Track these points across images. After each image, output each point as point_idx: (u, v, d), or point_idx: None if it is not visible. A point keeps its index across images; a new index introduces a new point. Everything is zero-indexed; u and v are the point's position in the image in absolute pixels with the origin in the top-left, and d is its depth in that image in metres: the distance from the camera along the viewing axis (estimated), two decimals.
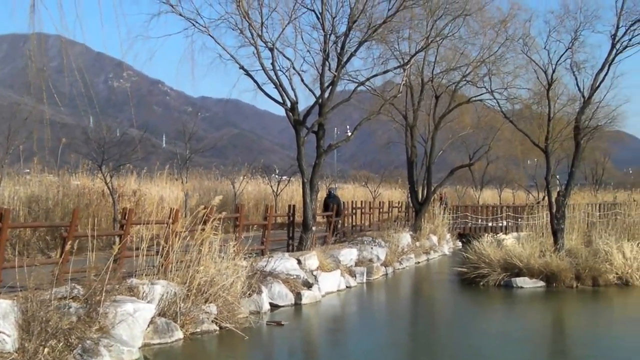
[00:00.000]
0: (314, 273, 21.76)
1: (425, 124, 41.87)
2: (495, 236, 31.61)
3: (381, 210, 42.15)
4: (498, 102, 32.65)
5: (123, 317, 13.11)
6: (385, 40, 31.21)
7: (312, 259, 22.26)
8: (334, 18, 26.06)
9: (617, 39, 25.93)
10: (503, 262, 24.68)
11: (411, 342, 16.85)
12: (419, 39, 31.90)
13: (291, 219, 26.39)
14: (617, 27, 25.87)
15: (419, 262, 32.94)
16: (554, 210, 26.19)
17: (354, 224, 36.56)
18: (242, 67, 24.76)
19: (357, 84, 29.55)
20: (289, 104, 25.25)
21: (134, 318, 13.30)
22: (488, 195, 73.50)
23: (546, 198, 29.67)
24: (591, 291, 23.17)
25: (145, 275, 15.64)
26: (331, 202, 30.84)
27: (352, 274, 24.83)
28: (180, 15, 24.01)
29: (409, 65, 30.74)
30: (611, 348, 15.23)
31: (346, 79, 31.44)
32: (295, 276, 20.78)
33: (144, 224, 19.35)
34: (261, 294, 18.14)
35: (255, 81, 25.24)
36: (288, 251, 24.10)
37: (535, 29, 30.85)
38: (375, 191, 51.85)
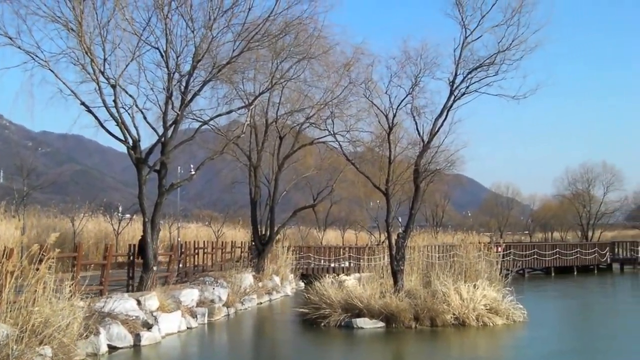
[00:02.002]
0: (154, 314, 21.64)
1: (270, 164, 42.38)
2: (337, 277, 32.20)
3: (224, 250, 42.17)
4: (340, 145, 33.45)
5: None
6: (230, 81, 31.54)
7: (152, 300, 22.13)
8: (178, 57, 26.17)
9: (455, 86, 27.04)
10: (344, 302, 25.06)
11: None
12: (264, 80, 32.40)
13: (132, 258, 26.11)
14: (455, 75, 27.02)
15: (261, 303, 33.14)
16: (394, 251, 26.90)
17: (196, 264, 36.40)
18: (83, 103, 24.41)
19: (201, 123, 29.72)
20: (130, 142, 25.11)
21: None
22: (331, 236, 74.50)
23: (387, 239, 30.39)
24: (429, 331, 23.70)
25: None
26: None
27: (193, 315, 24.81)
28: (19, 48, 23.52)
29: (253, 106, 31.19)
30: None
31: (190, 117, 31.59)
32: (134, 317, 20.61)
33: None
34: (99, 336, 17.90)
35: (96, 118, 24.93)
36: (128, 291, 23.86)
37: (377, 73, 31.61)
38: (218, 231, 51.88)
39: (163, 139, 25.78)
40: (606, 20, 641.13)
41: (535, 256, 54.44)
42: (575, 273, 55.96)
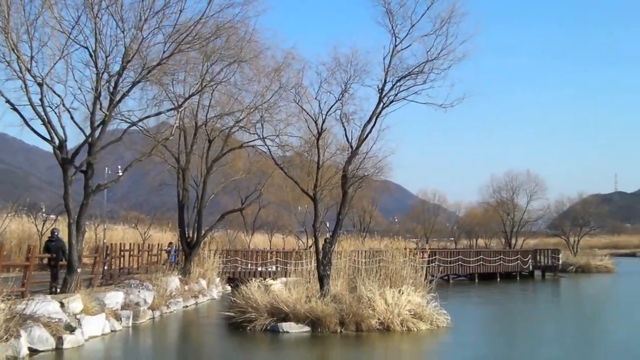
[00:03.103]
0: (78, 316, 21.30)
1: (198, 167, 42.11)
2: (263, 281, 32.09)
3: (150, 252, 41.76)
4: (269, 149, 33.43)
5: None
6: (159, 82, 31.17)
7: (75, 302, 21.77)
8: (107, 57, 25.77)
9: (384, 93, 27.16)
10: (270, 307, 25.01)
11: None
12: (194, 83, 32.18)
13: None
14: (385, 82, 27.14)
15: (187, 306, 32.90)
16: (321, 256, 26.97)
17: (121, 266, 35.97)
18: (8, 101, 23.92)
19: (129, 124, 29.38)
20: (57, 142, 24.68)
21: None
22: (259, 240, 74.44)
23: (314, 244, 30.41)
24: (354, 336, 23.75)
25: None
26: (53, 246, 26.25)
27: (118, 318, 24.50)
28: None
29: (182, 108, 30.95)
30: None
31: (119, 118, 31.17)
32: (57, 319, 20.25)
33: None
34: (19, 338, 17.53)
35: (22, 116, 24.42)
36: (51, 293, 23.41)
37: (307, 79, 31.71)
38: (145, 233, 51.35)
39: (90, 140, 25.38)
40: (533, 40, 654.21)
41: (459, 262, 55.11)
42: (499, 279, 56.88)
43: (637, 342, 23.55)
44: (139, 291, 28.07)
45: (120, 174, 30.35)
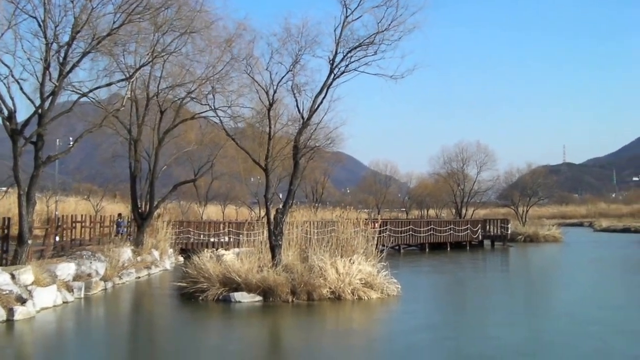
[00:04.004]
0: (29, 288, 21.18)
1: (150, 138, 41.83)
2: (215, 251, 32.15)
3: (102, 224, 41.51)
4: (221, 120, 33.25)
5: None
6: (110, 53, 30.80)
7: (26, 274, 21.63)
8: (56, 27, 25.41)
9: (335, 64, 27.17)
10: (222, 277, 25.07)
11: (129, 358, 16.83)
12: (145, 54, 31.88)
13: (6, 231, 25.41)
14: (335, 53, 27.14)
15: (139, 277, 32.83)
16: (273, 227, 27.08)
17: (73, 238, 35.72)
18: None
19: (80, 95, 29.05)
20: (6, 113, 24.36)
21: None
22: (212, 211, 74.27)
23: (266, 215, 30.47)
24: (306, 305, 23.93)
25: None
26: None
27: (70, 289, 24.39)
28: None
29: (133, 79, 30.67)
30: (322, 359, 16.11)
31: (69, 89, 30.71)
32: (8, 291, 20.13)
33: None
34: None
35: None
36: (1, 265, 23.22)
37: (258, 50, 31.60)
38: (97, 205, 50.99)
39: (40, 111, 25.07)
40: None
41: (410, 232, 55.58)
42: (449, 249, 57.46)
43: (581, 309, 24.00)
44: (90, 262, 27.94)
45: (71, 145, 30.09)
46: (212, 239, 47.12)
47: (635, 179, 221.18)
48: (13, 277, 20.97)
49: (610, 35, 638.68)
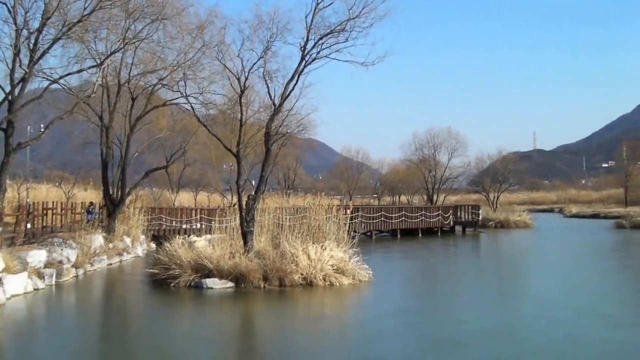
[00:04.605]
0: None
1: (122, 125, 41.70)
2: (187, 238, 32.14)
3: (74, 211, 41.32)
4: (193, 107, 33.20)
5: None
6: (81, 39, 30.64)
7: None
8: (26, 13, 25.34)
9: (306, 51, 27.28)
10: (194, 263, 25.08)
11: (101, 344, 16.81)
12: (116, 40, 31.75)
13: None
14: (307, 40, 27.25)
15: (111, 264, 32.75)
16: (245, 213, 27.13)
17: (45, 225, 35.55)
18: None
19: (50, 82, 28.90)
20: None
21: None
22: (184, 198, 74.10)
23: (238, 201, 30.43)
24: (278, 291, 23.99)
25: None
26: None
27: (41, 276, 24.31)
28: None
29: (104, 66, 30.60)
30: (293, 344, 16.18)
31: (40, 76, 30.57)
32: None
33: None
34: None
35: None
36: None
37: (230, 36, 31.48)
38: (69, 192, 50.75)
39: (10, 97, 24.95)
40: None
41: (382, 219, 55.70)
42: (420, 235, 57.64)
43: (551, 294, 24.26)
44: (62, 249, 27.84)
45: (42, 131, 29.94)
46: (184, 226, 47.04)
47: (604, 165, 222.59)
48: None
49: (584, 22, 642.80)
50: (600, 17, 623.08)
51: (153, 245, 41.42)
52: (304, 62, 27.41)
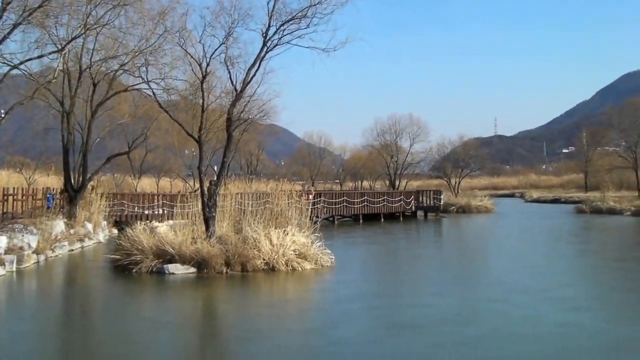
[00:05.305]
0: None
1: (83, 111, 41.47)
2: (149, 224, 32.12)
3: (35, 197, 41.02)
4: (154, 92, 33.08)
5: None
6: (42, 25, 30.35)
7: None
8: None
9: (268, 37, 27.33)
10: (156, 249, 25.09)
11: (62, 330, 16.78)
12: (77, 26, 31.53)
13: None
14: (268, 26, 27.30)
15: (73, 250, 32.63)
16: (206, 198, 27.19)
17: (5, 211, 35.27)
18: None
19: (10, 67, 28.65)
20: None
21: None
22: (146, 184, 73.86)
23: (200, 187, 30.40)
24: (240, 276, 24.09)
25: None
26: None
27: (1, 262, 24.18)
28: None
29: (65, 51, 30.35)
30: (256, 329, 16.27)
31: (0, 61, 30.35)
32: None
33: None
34: None
35: None
36: None
37: (191, 22, 31.62)
38: (30, 178, 50.38)
39: None
40: None
41: (344, 204, 56.03)
42: (382, 220, 58.11)
43: (511, 277, 24.55)
44: (22, 235, 27.68)
45: (2, 117, 29.72)
46: (146, 212, 46.98)
47: (565, 150, 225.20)
48: None
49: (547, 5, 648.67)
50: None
51: (115, 231, 41.26)
52: (265, 48, 27.46)
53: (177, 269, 24.32)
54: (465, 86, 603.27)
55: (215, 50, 27.81)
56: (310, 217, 30.31)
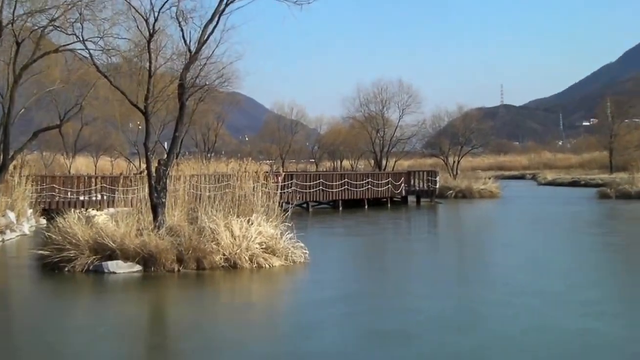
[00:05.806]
0: None
1: (5, 75, 41.12)
2: (85, 212, 31.95)
3: None
4: (91, 54, 32.81)
5: None
6: None
7: None
8: None
9: None
10: (93, 242, 24.77)
11: None
12: None
13: None
14: None
15: None
16: (154, 181, 26.97)
17: None
18: None
19: None
20: None
21: None
22: (82, 164, 73.61)
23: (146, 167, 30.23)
24: (195, 275, 23.94)
25: None
26: None
27: None
28: None
29: None
30: (213, 339, 16.25)
31: None
32: None
33: None
34: None
35: None
36: None
37: None
38: None
39: None
40: None
41: (320, 187, 55.86)
42: (367, 207, 58.16)
43: (520, 276, 24.37)
44: None
45: None
46: (81, 197, 46.82)
47: (585, 123, 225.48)
48: None
49: None
50: None
51: (43, 221, 41.02)
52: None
53: (119, 267, 24.11)
54: (465, 47, 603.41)
55: (165, 2, 27.51)
56: (279, 203, 30.25)
